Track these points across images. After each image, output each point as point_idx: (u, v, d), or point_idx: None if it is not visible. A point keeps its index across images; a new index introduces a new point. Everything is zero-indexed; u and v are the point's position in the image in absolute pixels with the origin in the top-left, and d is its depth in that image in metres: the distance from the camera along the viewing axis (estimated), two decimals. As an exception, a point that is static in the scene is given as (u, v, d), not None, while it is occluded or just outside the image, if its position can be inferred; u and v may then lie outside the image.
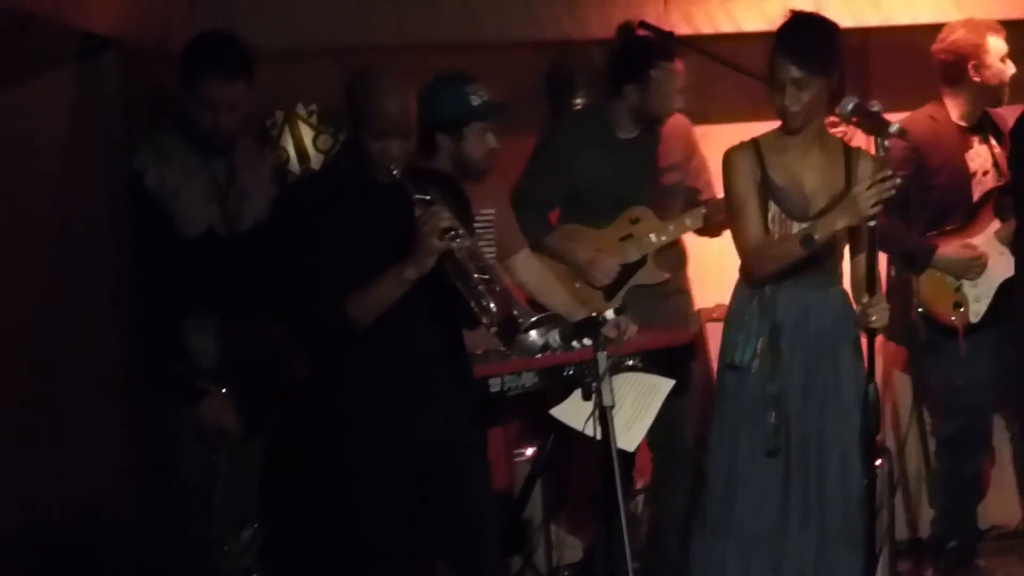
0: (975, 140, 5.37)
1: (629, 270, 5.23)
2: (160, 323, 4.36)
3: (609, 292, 5.20)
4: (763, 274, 4.40)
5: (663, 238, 5.22)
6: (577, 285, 5.19)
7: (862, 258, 4.37)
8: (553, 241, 5.19)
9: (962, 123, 5.38)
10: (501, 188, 5.01)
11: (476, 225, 4.80)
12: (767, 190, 4.39)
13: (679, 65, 5.15)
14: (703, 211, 5.23)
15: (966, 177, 5.35)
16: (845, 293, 4.49)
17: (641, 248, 5.22)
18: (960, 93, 5.36)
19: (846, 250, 4.48)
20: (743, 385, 4.44)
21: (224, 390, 4.40)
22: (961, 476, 5.42)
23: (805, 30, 4.37)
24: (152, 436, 4.49)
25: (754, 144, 4.44)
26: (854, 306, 4.40)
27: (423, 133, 4.15)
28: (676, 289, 5.34)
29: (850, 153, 4.48)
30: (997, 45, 5.31)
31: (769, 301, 4.42)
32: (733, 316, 4.53)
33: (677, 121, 5.32)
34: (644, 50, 5.15)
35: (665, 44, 5.18)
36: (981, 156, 5.36)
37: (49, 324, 4.20)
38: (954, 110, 5.37)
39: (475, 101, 4.65)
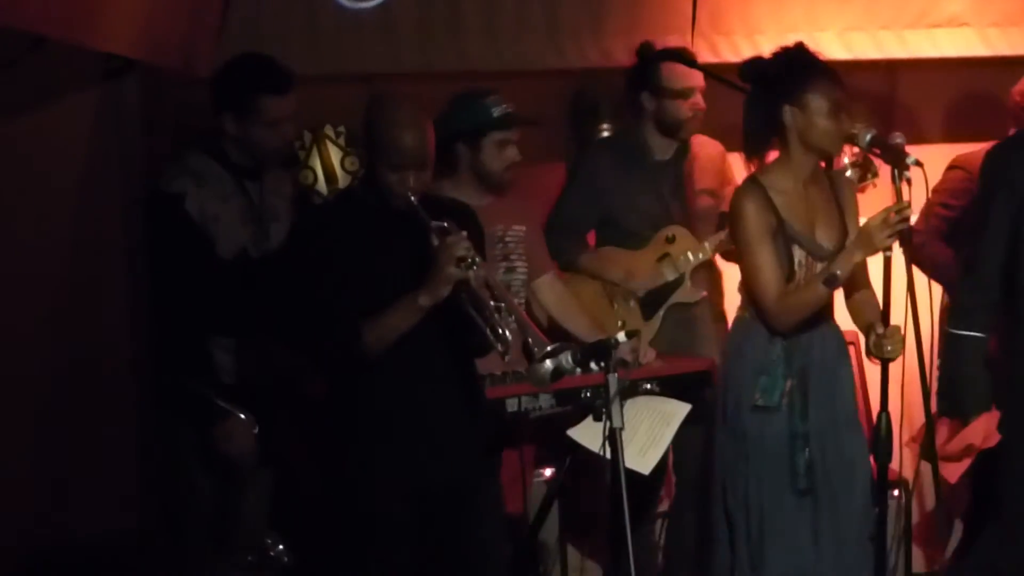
0: None
1: (667, 289, 5.25)
2: (186, 345, 4.36)
3: (647, 312, 5.24)
4: (791, 325, 4.33)
5: (700, 256, 5.23)
6: (615, 306, 5.23)
7: (865, 292, 4.41)
8: (589, 261, 5.23)
9: None
10: (531, 207, 5.08)
11: (508, 241, 4.88)
12: (786, 235, 4.32)
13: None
14: None
15: None
16: (835, 321, 4.49)
17: (678, 267, 5.23)
18: None
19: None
20: (766, 426, 4.38)
21: (244, 416, 4.39)
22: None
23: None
24: (161, 460, 4.49)
25: (760, 187, 4.34)
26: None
27: (443, 146, 4.21)
28: (714, 315, 5.37)
29: (831, 177, 4.48)
30: None
31: (793, 341, 4.37)
32: (750, 355, 4.42)
33: (713, 148, 5.36)
34: (652, 54, 5.17)
35: (675, 49, 5.21)
36: None
37: (63, 350, 4.21)
38: None
39: (495, 112, 4.72)
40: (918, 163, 4.22)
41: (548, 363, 4.03)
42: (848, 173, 4.78)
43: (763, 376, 4.38)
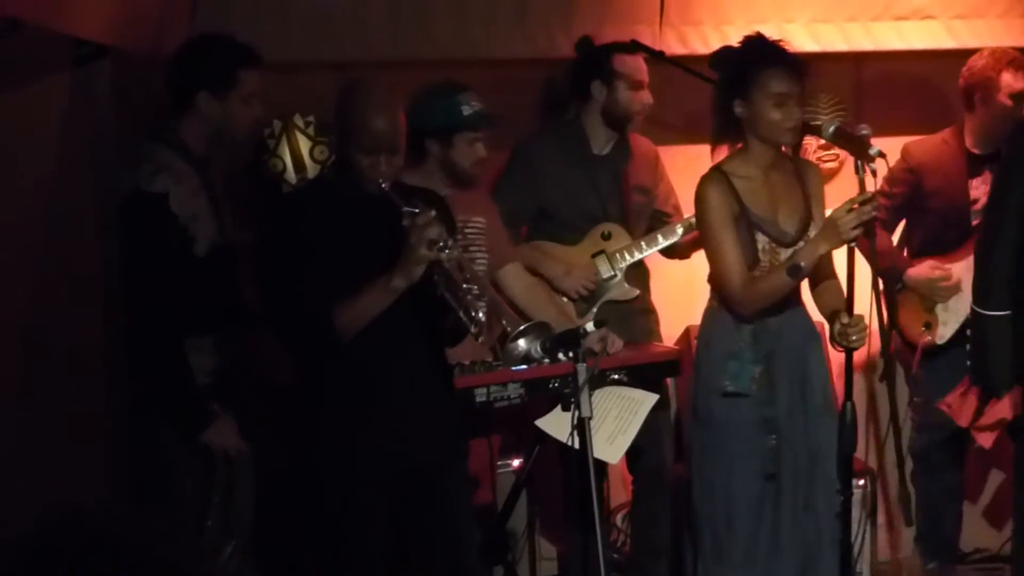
0: (986, 169, 5.34)
1: (601, 286, 5.25)
2: (173, 350, 4.26)
3: (582, 307, 5.23)
4: (755, 311, 4.39)
5: (636, 254, 5.24)
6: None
7: (831, 282, 4.44)
8: (525, 254, 5.17)
9: (975, 150, 5.37)
10: (492, 198, 5.06)
11: (468, 233, 4.88)
12: (749, 222, 4.38)
13: (640, 59, 5.18)
14: (678, 227, 5.27)
15: (965, 203, 5.35)
16: (805, 307, 4.54)
17: (614, 265, 5.23)
18: (971, 120, 5.37)
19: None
20: (735, 411, 4.43)
21: (228, 415, 4.33)
22: (932, 493, 5.45)
23: (787, 49, 4.42)
24: (135, 453, 4.42)
25: (723, 174, 4.40)
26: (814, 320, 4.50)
27: (413, 138, 4.22)
28: (643, 309, 5.36)
29: (798, 165, 4.53)
30: (1010, 82, 5.27)
31: (760, 327, 4.43)
32: (718, 342, 4.48)
33: (647, 146, 5.36)
34: (604, 47, 5.19)
35: (625, 41, 5.22)
36: (987, 185, 5.28)
37: (34, 337, 4.15)
38: (968, 136, 5.38)
39: (466, 110, 4.71)
40: (881, 154, 4.27)
41: (522, 343, 4.04)
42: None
43: (732, 362, 4.42)
